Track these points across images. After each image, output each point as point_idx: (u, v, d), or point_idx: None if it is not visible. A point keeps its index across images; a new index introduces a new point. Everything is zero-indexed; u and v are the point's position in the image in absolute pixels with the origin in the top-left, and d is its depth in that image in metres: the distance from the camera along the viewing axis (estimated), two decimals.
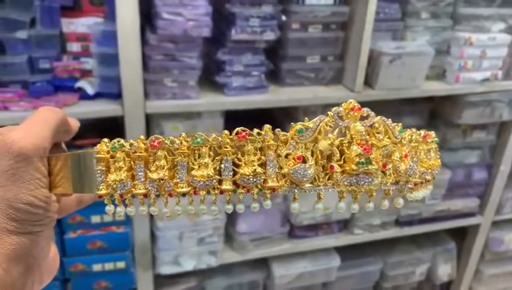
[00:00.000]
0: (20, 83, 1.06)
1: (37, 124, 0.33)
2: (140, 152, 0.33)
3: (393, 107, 1.38)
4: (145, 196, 0.33)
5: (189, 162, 0.33)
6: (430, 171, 0.37)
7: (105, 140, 0.33)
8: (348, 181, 0.33)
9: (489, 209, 1.60)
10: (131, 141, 0.33)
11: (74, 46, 1.08)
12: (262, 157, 0.32)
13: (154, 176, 0.32)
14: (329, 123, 0.33)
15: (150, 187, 0.33)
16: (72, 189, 0.34)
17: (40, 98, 1.04)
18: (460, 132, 1.47)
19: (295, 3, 1.14)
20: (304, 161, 0.32)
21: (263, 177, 0.32)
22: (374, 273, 1.60)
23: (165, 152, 0.33)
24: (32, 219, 0.31)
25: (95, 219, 1.16)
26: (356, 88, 1.20)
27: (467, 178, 1.53)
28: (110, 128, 1.16)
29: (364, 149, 0.32)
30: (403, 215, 1.50)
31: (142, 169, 0.33)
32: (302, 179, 0.32)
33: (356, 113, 0.33)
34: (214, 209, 0.34)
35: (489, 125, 1.49)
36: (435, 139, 0.39)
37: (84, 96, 1.07)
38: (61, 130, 0.35)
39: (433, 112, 1.48)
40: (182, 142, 0.33)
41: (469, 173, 1.53)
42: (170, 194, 0.33)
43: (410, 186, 0.35)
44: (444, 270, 1.72)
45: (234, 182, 0.33)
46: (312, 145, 0.32)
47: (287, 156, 0.32)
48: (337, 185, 0.33)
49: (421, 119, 1.46)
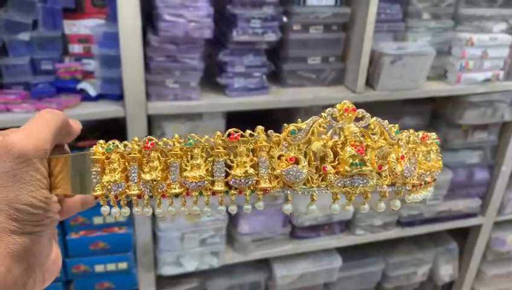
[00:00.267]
0: (22, 84, 1.06)
1: (37, 126, 0.33)
2: (135, 153, 0.33)
3: (395, 108, 1.38)
4: (139, 197, 0.33)
5: (182, 163, 0.33)
6: (429, 173, 0.36)
7: (101, 141, 0.34)
8: (342, 183, 0.32)
9: (490, 209, 1.60)
10: (125, 142, 0.33)
11: (76, 48, 1.09)
12: (255, 158, 0.32)
13: (148, 177, 0.32)
14: (322, 124, 0.32)
15: (143, 188, 0.33)
16: (71, 190, 0.34)
17: (42, 99, 1.04)
18: (462, 133, 1.47)
19: (296, 4, 1.14)
20: (297, 162, 0.32)
21: (255, 178, 0.32)
22: (376, 273, 1.60)
23: (159, 153, 0.33)
24: (32, 219, 0.31)
25: (97, 220, 1.17)
26: (357, 89, 1.20)
27: (468, 178, 1.53)
28: (112, 129, 1.16)
29: (358, 150, 0.32)
30: (404, 215, 1.50)
31: (136, 170, 0.33)
32: (294, 181, 0.32)
33: (351, 114, 0.33)
34: (207, 210, 0.33)
35: (490, 126, 1.49)
36: (436, 141, 0.38)
37: (86, 97, 1.07)
38: (63, 132, 0.35)
39: (434, 113, 1.48)
40: (174, 144, 0.33)
41: (471, 174, 1.53)
42: (163, 195, 0.33)
43: (408, 188, 0.34)
44: (446, 271, 1.72)
45: (226, 183, 0.32)
46: (305, 147, 0.32)
47: (279, 158, 0.32)
48: (330, 186, 0.32)
49: (422, 120, 1.46)
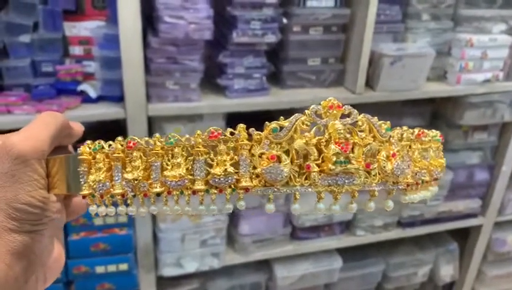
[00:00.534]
0: (23, 86, 1.06)
1: (36, 128, 0.34)
2: (118, 153, 0.33)
3: (395, 109, 1.39)
4: (123, 196, 0.33)
5: (163, 163, 0.33)
6: (426, 171, 0.35)
7: (89, 142, 0.34)
8: (326, 181, 0.31)
9: (491, 210, 1.60)
10: (110, 142, 0.34)
11: (77, 50, 1.09)
12: (235, 157, 0.32)
13: (129, 176, 0.33)
14: (306, 122, 0.32)
15: (126, 187, 0.33)
16: (66, 190, 0.35)
17: (42, 101, 1.05)
18: (462, 133, 1.47)
19: (296, 5, 1.15)
20: (279, 161, 0.31)
21: (235, 177, 0.31)
22: (376, 274, 1.60)
23: (141, 153, 0.33)
24: (31, 218, 0.32)
25: (98, 221, 1.17)
26: (357, 90, 1.20)
27: (468, 179, 1.53)
28: (112, 131, 1.16)
29: (342, 148, 0.31)
30: (405, 216, 1.50)
31: (119, 170, 0.33)
32: (275, 179, 0.31)
33: (336, 111, 0.32)
34: (188, 209, 0.33)
35: (490, 126, 1.49)
36: (436, 138, 0.37)
37: (86, 99, 1.08)
38: (63, 134, 0.36)
39: (434, 113, 1.48)
40: (155, 143, 0.33)
41: (471, 174, 1.53)
42: (145, 195, 0.33)
43: (401, 187, 0.33)
44: (447, 272, 1.72)
45: (207, 182, 0.32)
46: (288, 145, 0.32)
47: (261, 156, 0.31)
48: (314, 185, 0.31)
49: (422, 121, 1.46)
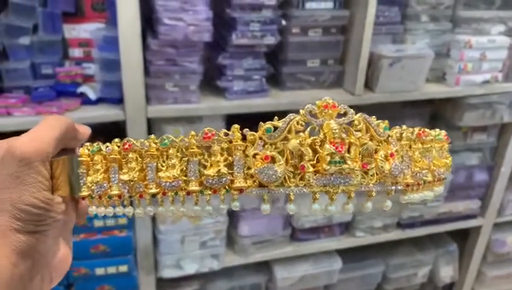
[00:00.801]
0: (23, 88, 1.07)
1: (41, 131, 0.34)
2: (115, 155, 0.34)
3: (394, 110, 1.39)
4: (119, 197, 0.34)
5: (158, 164, 0.33)
6: (428, 171, 0.35)
7: (87, 144, 0.35)
8: (322, 182, 0.31)
9: (490, 211, 1.61)
10: (107, 144, 0.34)
11: (76, 52, 1.09)
12: (229, 157, 0.32)
13: (125, 177, 0.33)
14: (300, 122, 0.31)
15: (122, 188, 0.33)
16: (69, 191, 0.35)
17: (42, 103, 1.05)
18: (461, 134, 1.48)
19: (295, 7, 1.15)
20: (274, 161, 0.31)
21: (229, 177, 0.31)
22: (376, 275, 1.60)
23: (137, 154, 0.33)
24: (35, 218, 0.32)
25: (98, 223, 1.17)
26: (356, 91, 1.20)
27: (468, 180, 1.53)
28: (112, 133, 1.16)
29: (337, 148, 0.31)
30: (404, 217, 1.50)
31: (116, 171, 0.34)
32: (269, 179, 0.31)
33: (331, 111, 0.32)
34: (183, 210, 0.33)
35: (490, 127, 1.49)
36: (439, 137, 0.36)
37: (86, 101, 1.08)
38: (68, 136, 0.36)
39: (434, 115, 1.48)
40: (150, 144, 0.33)
41: (470, 175, 1.53)
42: (141, 195, 0.33)
43: (400, 187, 0.33)
44: (446, 272, 1.72)
45: (201, 183, 0.32)
46: (283, 145, 0.31)
47: (255, 156, 0.31)
48: (309, 185, 0.31)
49: (422, 122, 1.46)
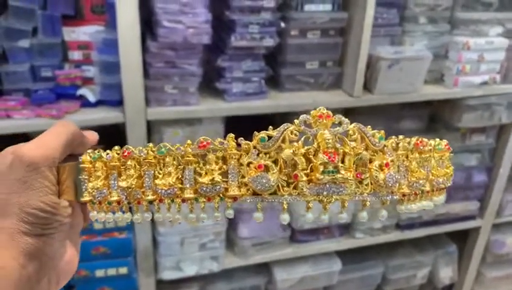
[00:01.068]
0: (22, 91, 1.07)
1: (48, 137, 0.35)
2: (115, 162, 0.34)
3: (393, 112, 1.39)
4: (118, 203, 0.35)
5: (155, 171, 0.34)
6: (426, 181, 0.35)
7: (89, 151, 0.36)
8: (315, 191, 0.31)
9: (489, 212, 1.61)
10: (107, 151, 0.35)
11: (76, 55, 1.10)
12: (224, 166, 0.32)
13: (124, 184, 0.34)
14: (294, 131, 0.32)
15: (121, 195, 0.34)
16: (73, 196, 0.36)
17: (42, 106, 1.05)
18: (460, 135, 1.48)
19: (294, 9, 1.15)
20: (267, 170, 0.31)
21: (223, 185, 0.32)
22: (376, 276, 1.60)
23: (135, 162, 0.34)
24: (42, 222, 0.33)
25: (98, 225, 1.17)
26: (355, 93, 1.21)
27: (467, 181, 1.54)
28: (112, 135, 1.16)
29: (330, 157, 0.31)
30: (403, 219, 1.51)
31: (115, 178, 0.35)
32: (262, 188, 0.31)
33: (325, 121, 0.32)
34: (178, 217, 0.34)
35: (488, 129, 1.49)
36: (438, 147, 0.36)
37: (85, 103, 1.08)
38: (75, 143, 0.37)
39: (432, 116, 1.49)
40: (148, 152, 0.34)
41: (469, 176, 1.53)
42: (139, 202, 0.34)
43: (397, 197, 0.33)
44: (446, 273, 1.72)
45: (196, 191, 0.33)
46: (277, 154, 0.32)
47: (249, 165, 0.32)
48: (302, 194, 0.31)
49: (420, 123, 1.47)
